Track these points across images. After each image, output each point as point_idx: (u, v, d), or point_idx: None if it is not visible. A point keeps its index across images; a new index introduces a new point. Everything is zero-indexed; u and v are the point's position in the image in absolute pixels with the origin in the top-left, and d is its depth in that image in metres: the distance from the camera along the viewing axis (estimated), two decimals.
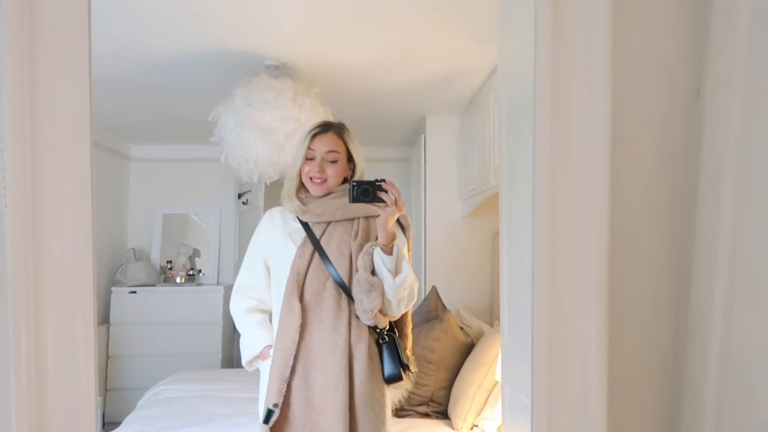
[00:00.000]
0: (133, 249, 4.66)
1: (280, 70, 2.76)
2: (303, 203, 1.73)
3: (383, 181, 1.58)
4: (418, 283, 1.73)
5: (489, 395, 2.44)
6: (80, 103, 0.79)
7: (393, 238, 1.61)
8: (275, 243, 1.76)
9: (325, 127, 1.76)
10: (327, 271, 1.66)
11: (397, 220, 1.72)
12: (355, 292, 1.61)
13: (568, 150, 0.87)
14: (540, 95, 0.83)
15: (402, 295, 1.63)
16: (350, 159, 1.77)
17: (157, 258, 4.78)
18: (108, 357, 4.34)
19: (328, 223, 1.71)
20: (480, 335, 2.82)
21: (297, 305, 1.62)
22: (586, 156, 0.88)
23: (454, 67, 2.85)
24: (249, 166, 2.64)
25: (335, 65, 2.79)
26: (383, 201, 1.56)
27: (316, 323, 1.63)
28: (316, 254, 1.67)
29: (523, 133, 1.07)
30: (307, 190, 1.76)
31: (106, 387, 4.32)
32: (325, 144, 1.72)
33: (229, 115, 2.60)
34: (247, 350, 1.78)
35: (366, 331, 1.66)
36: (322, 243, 1.68)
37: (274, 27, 2.36)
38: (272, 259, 1.77)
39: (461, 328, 2.82)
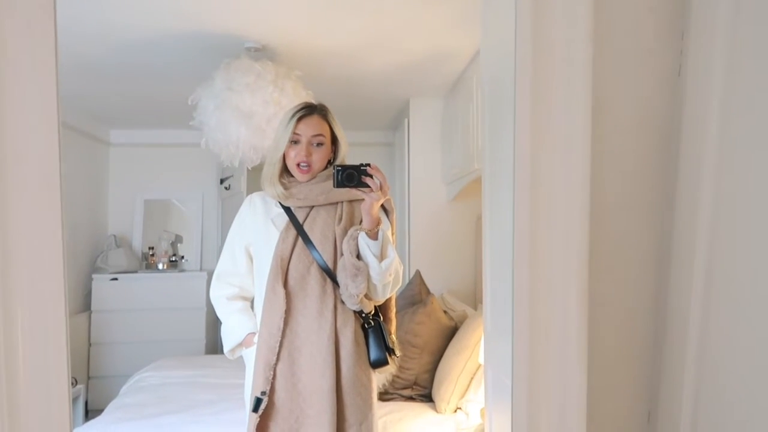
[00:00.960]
0: (114, 236, 4.60)
1: (261, 52, 2.71)
2: (286, 188, 1.69)
3: (368, 165, 1.56)
4: (403, 268, 1.72)
5: (472, 378, 2.45)
6: (46, 80, 0.76)
7: (378, 222, 1.60)
8: (257, 229, 1.73)
9: (309, 109, 1.71)
10: (311, 256, 1.63)
11: (382, 205, 1.70)
12: (341, 277, 1.60)
13: (548, 131, 0.86)
14: (520, 74, 0.82)
15: (387, 279, 1.62)
16: (333, 142, 1.74)
17: (138, 244, 4.73)
18: (90, 345, 4.30)
19: (311, 207, 1.69)
20: (463, 319, 2.83)
21: (281, 291, 1.60)
22: (566, 138, 0.87)
23: (438, 49, 2.83)
24: (230, 150, 2.60)
25: (317, 47, 2.75)
26: (368, 186, 1.55)
27: (301, 309, 1.61)
28: (300, 239, 1.65)
29: (505, 116, 1.06)
30: (290, 175, 1.73)
31: (89, 374, 4.29)
32: (310, 127, 1.68)
33: (209, 99, 2.55)
34: (230, 338, 1.75)
35: (352, 316, 1.65)
36: (306, 228, 1.66)
37: (254, 8, 2.31)
38: (254, 246, 1.74)
39: (445, 312, 2.82)
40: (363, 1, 2.27)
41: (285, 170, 1.73)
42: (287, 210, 1.70)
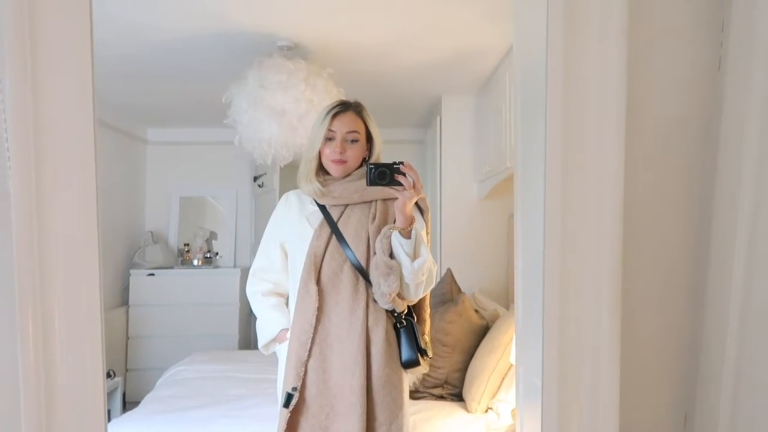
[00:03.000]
0: (151, 232, 4.70)
1: (293, 50, 2.73)
2: (322, 185, 1.70)
3: (401, 163, 1.54)
4: (436, 267, 1.70)
5: (504, 378, 2.42)
6: (82, 78, 0.78)
7: (411, 221, 1.58)
8: (292, 226, 1.75)
9: (344, 106, 1.71)
10: (344, 254, 1.64)
11: (416, 203, 1.68)
12: (373, 276, 1.60)
13: (580, 128, 0.84)
14: (552, 69, 0.80)
15: (420, 279, 1.61)
16: (368, 139, 1.74)
17: (174, 241, 4.82)
18: (128, 338, 4.41)
19: (346, 206, 1.69)
20: (495, 318, 2.80)
21: (314, 288, 1.61)
22: (600, 134, 0.85)
23: (470, 45, 2.80)
24: (263, 148, 2.63)
25: (349, 45, 2.75)
26: (401, 184, 1.53)
27: (333, 306, 1.61)
28: (334, 237, 1.66)
29: (537, 112, 1.04)
30: (325, 172, 1.73)
31: (126, 367, 4.39)
32: (345, 124, 1.68)
33: (242, 97, 2.58)
34: (263, 334, 1.78)
35: (383, 315, 1.64)
36: (340, 226, 1.67)
37: (286, 7, 2.33)
38: (289, 242, 1.76)
39: (476, 311, 2.80)
40: (394, 1, 2.27)
41: (321, 168, 1.73)
42: (322, 208, 1.71)
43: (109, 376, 3.67)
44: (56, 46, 0.80)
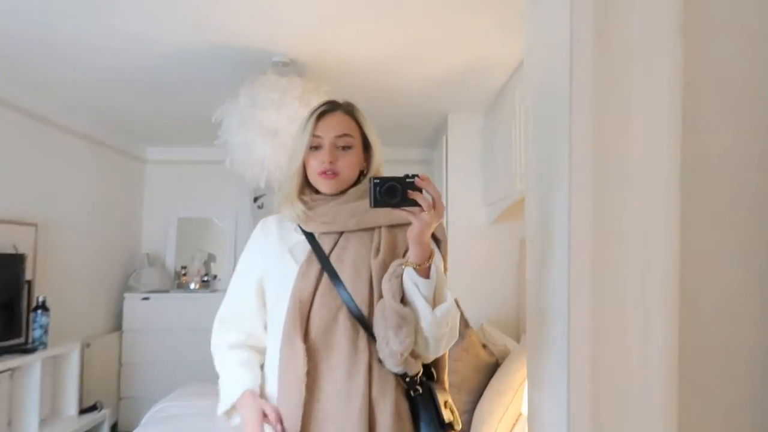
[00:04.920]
0: (147, 254, 4.55)
1: (289, 67, 2.59)
2: (309, 207, 1.34)
3: (416, 176, 1.15)
4: (459, 314, 1.30)
5: (515, 424, 2.21)
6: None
7: (430, 254, 1.17)
8: (270, 261, 1.36)
9: (331, 106, 1.37)
10: (339, 298, 1.26)
11: None
12: (378, 328, 1.21)
13: (619, 150, 0.65)
14: (578, 80, 0.61)
15: (443, 331, 1.20)
16: (365, 146, 1.38)
17: (171, 263, 4.66)
18: (121, 365, 4.24)
19: (341, 233, 1.32)
20: (505, 354, 2.59)
21: (300, 346, 1.22)
22: (646, 157, 0.66)
23: (477, 60, 2.64)
24: (255, 170, 2.46)
25: (348, 60, 2.61)
26: (416, 204, 1.13)
27: (326, 371, 1.23)
28: (325, 275, 1.28)
29: (555, 131, 0.86)
30: (313, 190, 1.37)
31: (119, 395, 4.21)
32: (334, 127, 1.33)
33: (233, 116, 2.43)
34: (223, 397, 1.34)
35: (392, 381, 1.25)
36: (333, 260, 1.29)
37: (282, 21, 2.21)
38: (267, 282, 1.37)
39: (484, 346, 2.59)
40: (397, 12, 2.13)
41: (307, 185, 1.37)
42: (310, 237, 1.33)
43: (94, 408, 3.48)
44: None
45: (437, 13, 2.15)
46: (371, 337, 1.24)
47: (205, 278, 4.57)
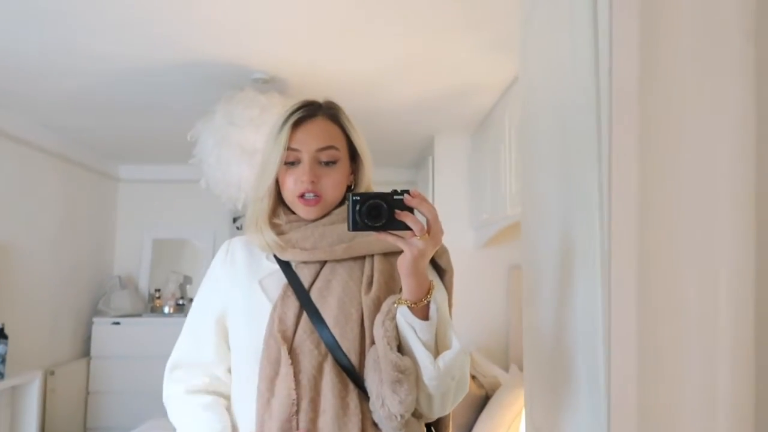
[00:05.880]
0: (119, 276, 4.35)
1: (269, 84, 2.47)
2: (281, 233, 1.10)
3: (406, 192, 0.92)
4: (470, 361, 1.09)
5: None
6: None
7: (428, 289, 0.96)
8: (235, 294, 1.11)
9: (309, 109, 1.11)
10: (322, 345, 1.02)
11: (432, 260, 1.07)
12: (371, 383, 0.98)
13: (667, 169, 0.54)
14: (618, 102, 0.50)
15: (449, 385, 0.98)
16: (352, 156, 1.15)
17: (145, 286, 4.47)
18: (88, 393, 4.02)
19: (324, 262, 1.08)
20: (496, 386, 2.46)
21: (276, 404, 1.00)
22: (709, 161, 0.54)
23: (464, 80, 2.55)
24: (231, 191, 2.32)
25: (331, 79, 2.50)
26: (407, 227, 0.91)
27: None
28: (305, 315, 1.04)
29: (582, 154, 0.75)
30: (287, 210, 1.13)
31: (86, 426, 3.99)
32: (314, 137, 1.09)
33: (209, 135, 2.29)
34: None
35: None
36: (314, 296, 1.05)
37: (262, 36, 2.09)
38: (231, 320, 1.12)
39: (473, 378, 2.46)
40: (382, 29, 2.03)
41: (279, 204, 1.13)
42: (285, 266, 1.09)
43: None
44: None
45: (422, 33, 2.06)
46: (363, 394, 1.00)
47: (180, 301, 4.37)
